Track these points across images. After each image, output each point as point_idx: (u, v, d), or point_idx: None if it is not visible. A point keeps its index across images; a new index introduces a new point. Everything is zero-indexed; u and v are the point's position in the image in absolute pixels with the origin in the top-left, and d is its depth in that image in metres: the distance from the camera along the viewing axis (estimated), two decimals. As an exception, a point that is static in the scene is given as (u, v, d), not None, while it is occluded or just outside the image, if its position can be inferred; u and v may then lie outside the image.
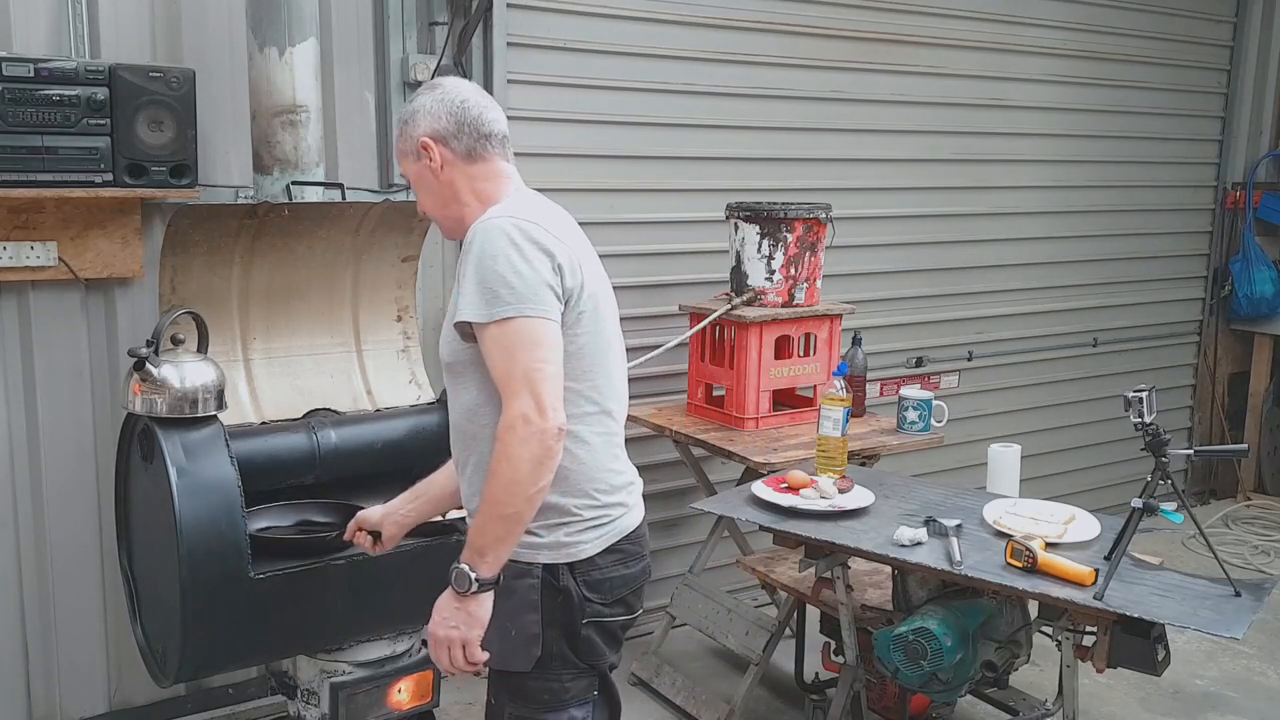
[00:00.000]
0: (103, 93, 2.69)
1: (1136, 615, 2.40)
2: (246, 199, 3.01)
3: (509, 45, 3.53)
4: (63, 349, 2.99)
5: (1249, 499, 5.85)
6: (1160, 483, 2.54)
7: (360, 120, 3.35)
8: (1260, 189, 5.72)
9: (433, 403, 3.07)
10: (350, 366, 3.06)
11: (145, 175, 2.77)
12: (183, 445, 2.36)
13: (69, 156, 2.68)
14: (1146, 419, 2.56)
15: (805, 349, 3.77)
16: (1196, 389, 5.89)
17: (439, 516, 2.65)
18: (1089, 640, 2.62)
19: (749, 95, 4.10)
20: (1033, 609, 2.89)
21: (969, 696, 3.30)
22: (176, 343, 2.52)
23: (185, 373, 2.43)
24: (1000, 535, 2.77)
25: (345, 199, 3.00)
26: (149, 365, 2.41)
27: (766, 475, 3.13)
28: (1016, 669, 3.03)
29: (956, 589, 2.79)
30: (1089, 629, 2.61)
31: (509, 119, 3.66)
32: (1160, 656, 2.51)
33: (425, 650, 2.83)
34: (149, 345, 2.44)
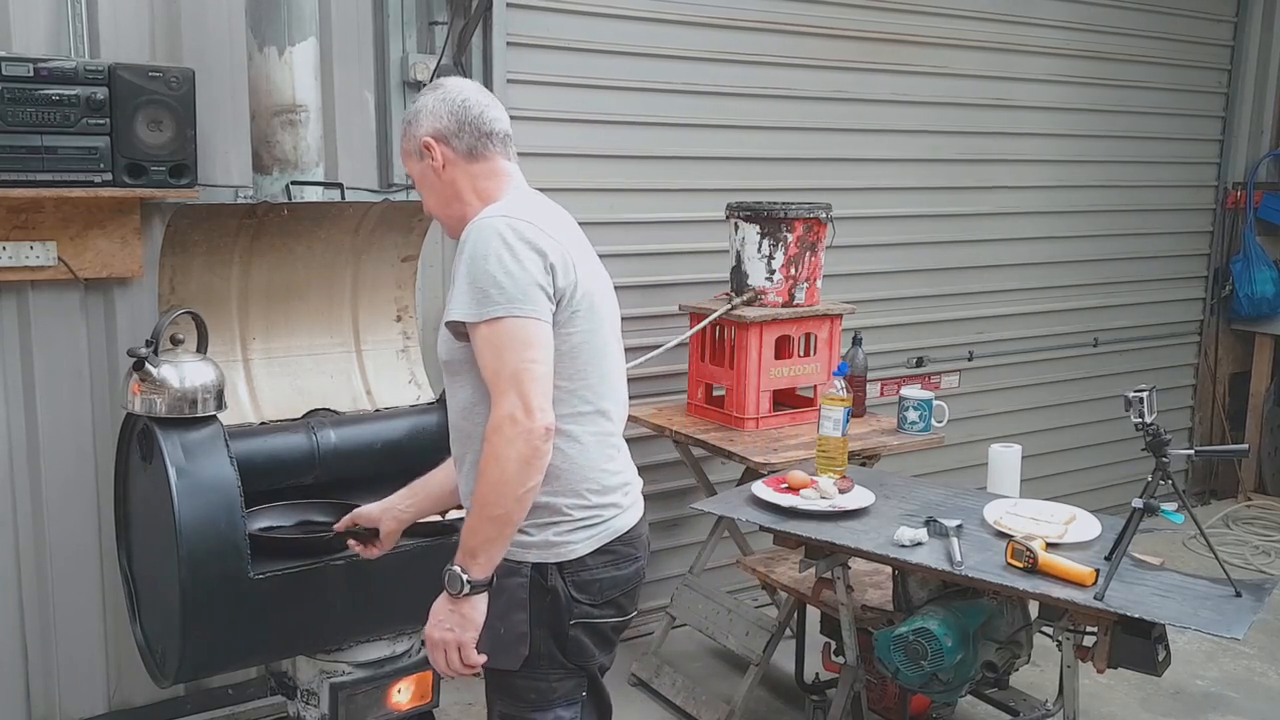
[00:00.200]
0: (102, 92, 2.68)
1: (1137, 615, 2.40)
2: (246, 199, 3.01)
3: (509, 45, 3.53)
4: (62, 349, 2.99)
5: (1249, 499, 5.85)
6: (1161, 483, 2.54)
7: (360, 120, 3.35)
8: (1261, 189, 5.72)
9: (432, 403, 3.07)
10: (350, 366, 3.06)
11: (145, 175, 2.77)
12: (182, 445, 2.36)
13: (68, 156, 2.68)
14: (1147, 419, 2.56)
15: (805, 349, 3.76)
16: (1197, 389, 5.89)
17: (438, 515, 2.65)
18: (1089, 640, 2.62)
19: (750, 95, 4.09)
20: (1033, 609, 2.89)
21: (969, 697, 3.30)
22: (176, 343, 2.51)
23: (185, 373, 2.43)
24: (1001, 535, 2.76)
25: (345, 199, 2.99)
26: (148, 365, 2.41)
27: (766, 475, 3.13)
28: (1017, 669, 3.02)
29: (957, 589, 2.79)
30: (1089, 629, 2.61)
31: (509, 119, 3.68)
32: (1161, 657, 2.51)
33: (425, 651, 2.83)
34: (148, 345, 2.43)
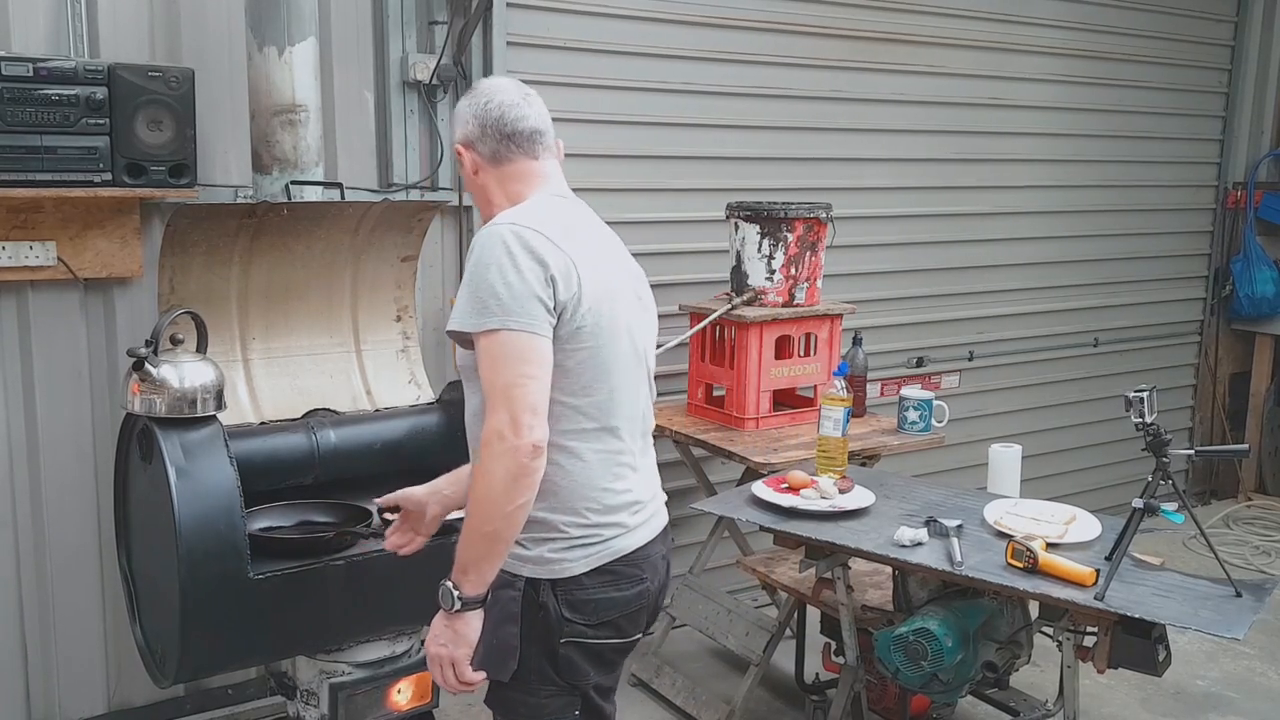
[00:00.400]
0: (102, 92, 2.68)
1: (1137, 616, 2.39)
2: (245, 199, 3.01)
3: (509, 45, 3.53)
4: (62, 349, 2.99)
5: (1250, 499, 5.85)
6: (1161, 483, 2.54)
7: (360, 120, 3.35)
8: (1261, 188, 5.71)
9: (432, 402, 3.07)
10: (349, 366, 3.06)
11: (144, 175, 2.76)
12: (182, 445, 2.36)
13: (68, 156, 2.67)
14: (1147, 419, 2.56)
15: (805, 349, 3.76)
16: (1197, 389, 5.89)
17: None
18: (1090, 641, 2.61)
19: (749, 95, 4.09)
20: (1033, 609, 2.89)
21: (969, 697, 3.30)
22: (175, 343, 2.51)
23: (184, 373, 2.43)
24: (1001, 536, 2.76)
25: (344, 199, 2.99)
26: (148, 365, 2.41)
27: (767, 475, 3.13)
28: (1017, 669, 3.02)
29: (957, 589, 2.79)
30: (1090, 629, 2.61)
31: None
32: (1161, 657, 2.51)
33: (425, 652, 2.83)
34: (148, 345, 2.43)
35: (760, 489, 2.95)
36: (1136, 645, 2.48)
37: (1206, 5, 5.37)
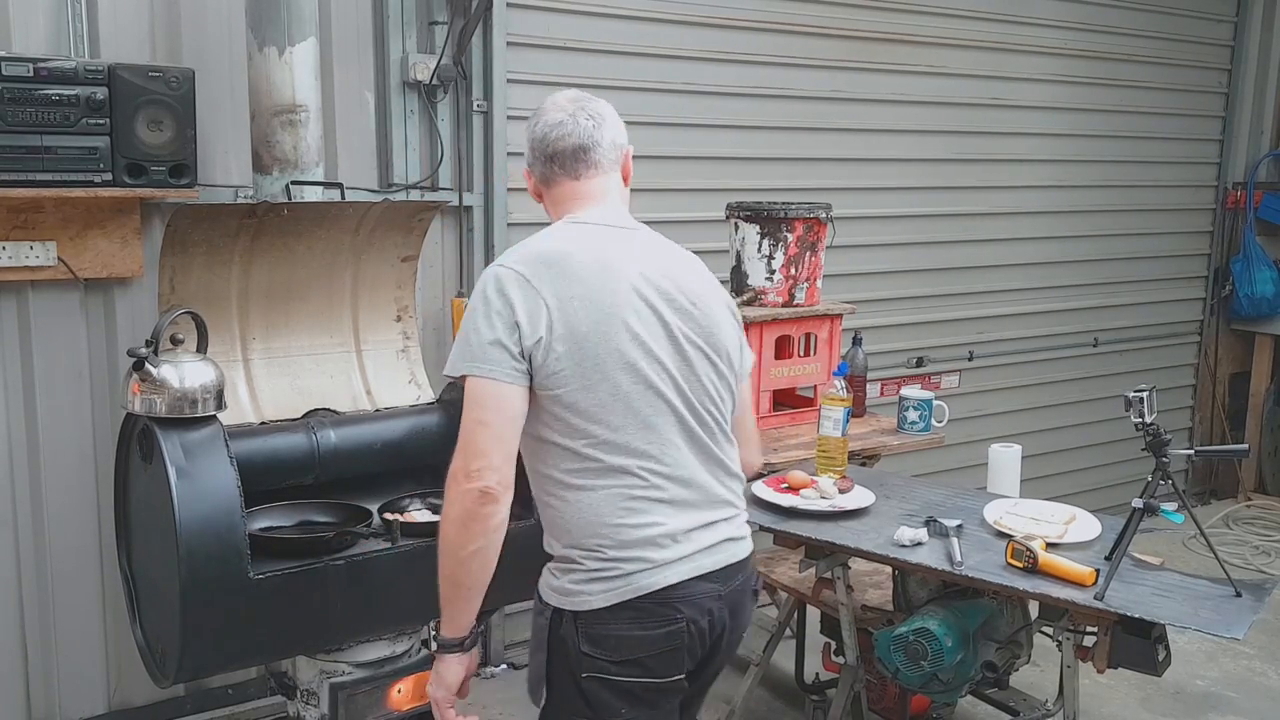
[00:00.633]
0: (102, 92, 2.68)
1: (1137, 615, 2.39)
2: (246, 199, 3.01)
3: (509, 45, 3.53)
4: (62, 349, 2.99)
5: (1249, 499, 5.85)
6: (1161, 483, 2.54)
7: (360, 120, 3.35)
8: (1261, 189, 5.71)
9: (432, 402, 3.07)
10: (350, 366, 3.06)
11: (144, 175, 2.76)
12: (182, 445, 2.36)
13: (68, 156, 2.68)
14: (1147, 419, 2.56)
15: (805, 349, 3.76)
16: (1197, 389, 5.89)
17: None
18: (1090, 640, 2.62)
19: (749, 95, 4.09)
20: (1033, 609, 2.89)
21: (969, 697, 3.30)
22: (176, 343, 2.51)
23: (184, 373, 2.43)
24: (1001, 535, 2.76)
25: (345, 199, 3.00)
26: (148, 365, 2.41)
27: (767, 475, 3.13)
28: (1017, 669, 3.02)
29: (957, 589, 2.79)
30: (1090, 629, 2.61)
31: (509, 118, 3.69)
32: (1161, 657, 2.51)
33: (425, 651, 2.83)
34: (148, 345, 2.43)
35: (760, 489, 2.95)
36: (1136, 645, 2.48)
37: (1206, 5, 5.37)
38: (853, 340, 3.88)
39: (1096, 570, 2.51)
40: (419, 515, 2.70)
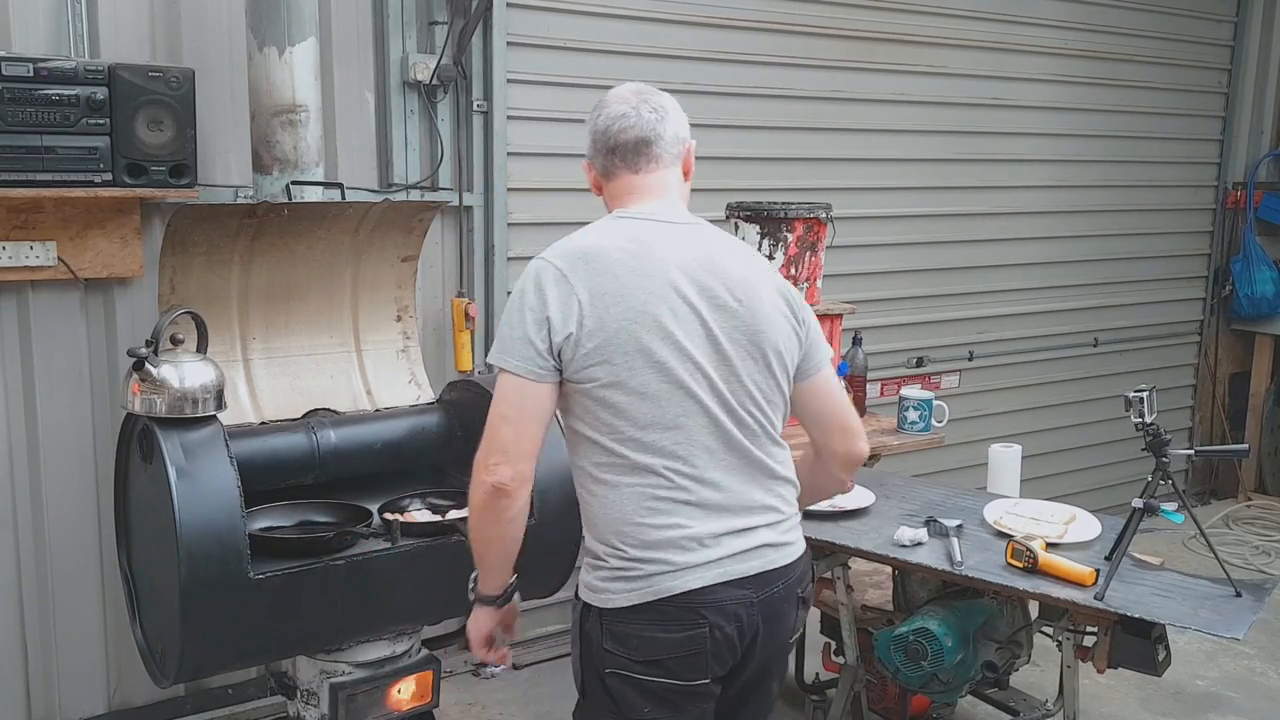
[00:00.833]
0: (102, 92, 2.68)
1: (1137, 615, 2.40)
2: (246, 199, 3.01)
3: (509, 45, 3.53)
4: (62, 349, 2.99)
5: (1249, 499, 5.85)
6: (1161, 483, 2.54)
7: (360, 120, 3.35)
8: (1261, 189, 5.72)
9: (432, 402, 3.07)
10: (350, 366, 3.06)
11: (145, 175, 2.76)
12: (182, 445, 2.36)
13: (68, 156, 2.68)
14: (1147, 419, 2.56)
15: (805, 349, 3.76)
16: (1197, 389, 5.89)
17: (438, 515, 2.66)
18: (1090, 640, 2.62)
19: (749, 95, 4.09)
20: (1033, 609, 2.89)
21: (969, 697, 3.30)
22: (176, 343, 2.51)
23: (184, 373, 2.43)
24: (1001, 535, 2.77)
25: (345, 199, 2.99)
26: (148, 365, 2.41)
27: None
28: (1017, 669, 3.02)
29: (957, 589, 2.79)
30: (1090, 629, 2.61)
31: (509, 118, 3.69)
32: (1161, 657, 2.51)
33: (425, 650, 2.83)
34: (148, 345, 2.43)
35: (760, 489, 2.94)
36: (1136, 645, 2.48)
37: (1206, 5, 5.37)
38: (853, 340, 3.88)
39: (1096, 570, 2.51)
40: (419, 515, 2.70)
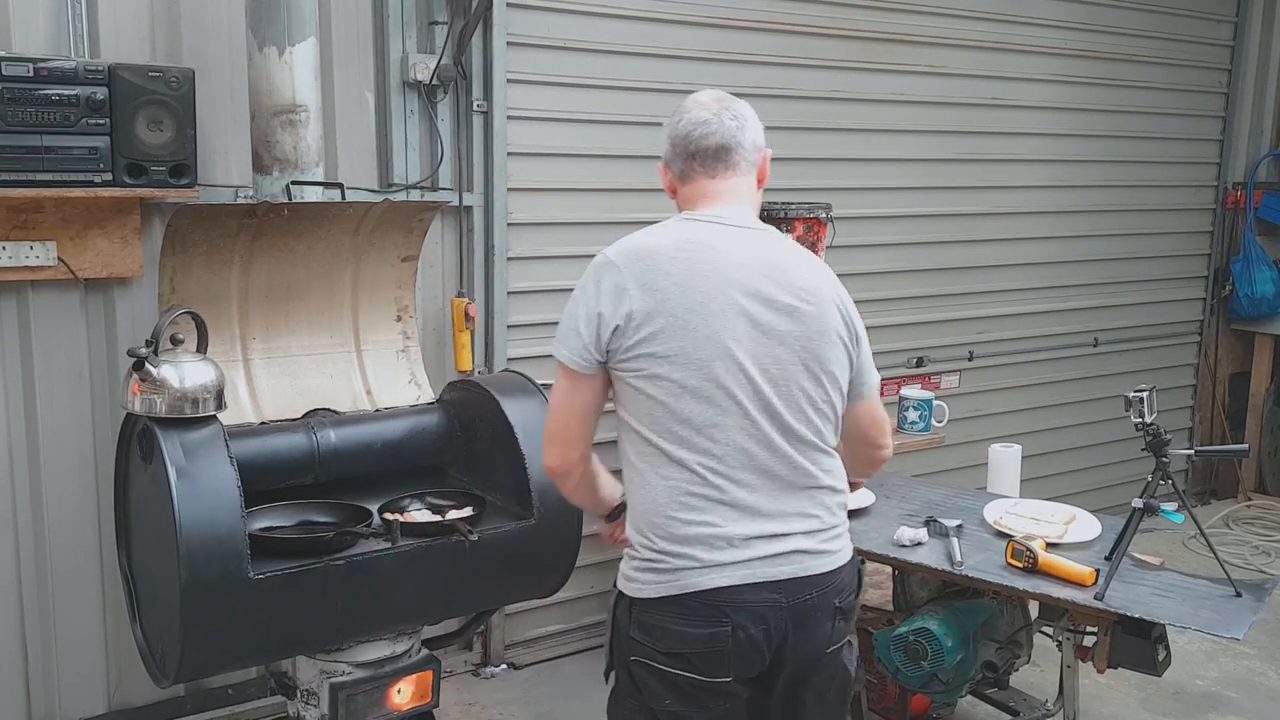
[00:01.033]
0: (102, 92, 2.68)
1: (1137, 615, 2.40)
2: (246, 199, 3.01)
3: (509, 45, 3.53)
4: (62, 349, 2.99)
5: (1249, 499, 5.85)
6: (1161, 483, 2.54)
7: (360, 120, 3.35)
8: (1261, 189, 5.72)
9: (432, 402, 3.07)
10: (350, 366, 3.06)
11: (145, 175, 2.76)
12: (182, 445, 2.36)
13: (68, 156, 2.68)
14: (1147, 419, 2.57)
15: (805, 349, 3.76)
16: (1197, 389, 5.89)
17: (438, 516, 2.66)
18: (1089, 640, 2.62)
19: (749, 95, 4.00)
20: (1033, 609, 2.89)
21: (969, 697, 3.30)
22: (176, 343, 2.51)
23: (184, 373, 2.43)
24: (1001, 535, 2.77)
25: (345, 199, 2.99)
26: (148, 365, 2.41)
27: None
28: (1017, 669, 3.03)
29: (957, 589, 2.79)
30: (1090, 629, 2.61)
31: (509, 118, 3.69)
32: (1161, 657, 2.52)
33: (425, 650, 2.83)
34: (148, 345, 2.43)
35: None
36: (1136, 645, 2.48)
37: (1206, 5, 5.37)
38: (853, 340, 3.87)
39: (1096, 570, 2.51)
40: (419, 515, 2.70)
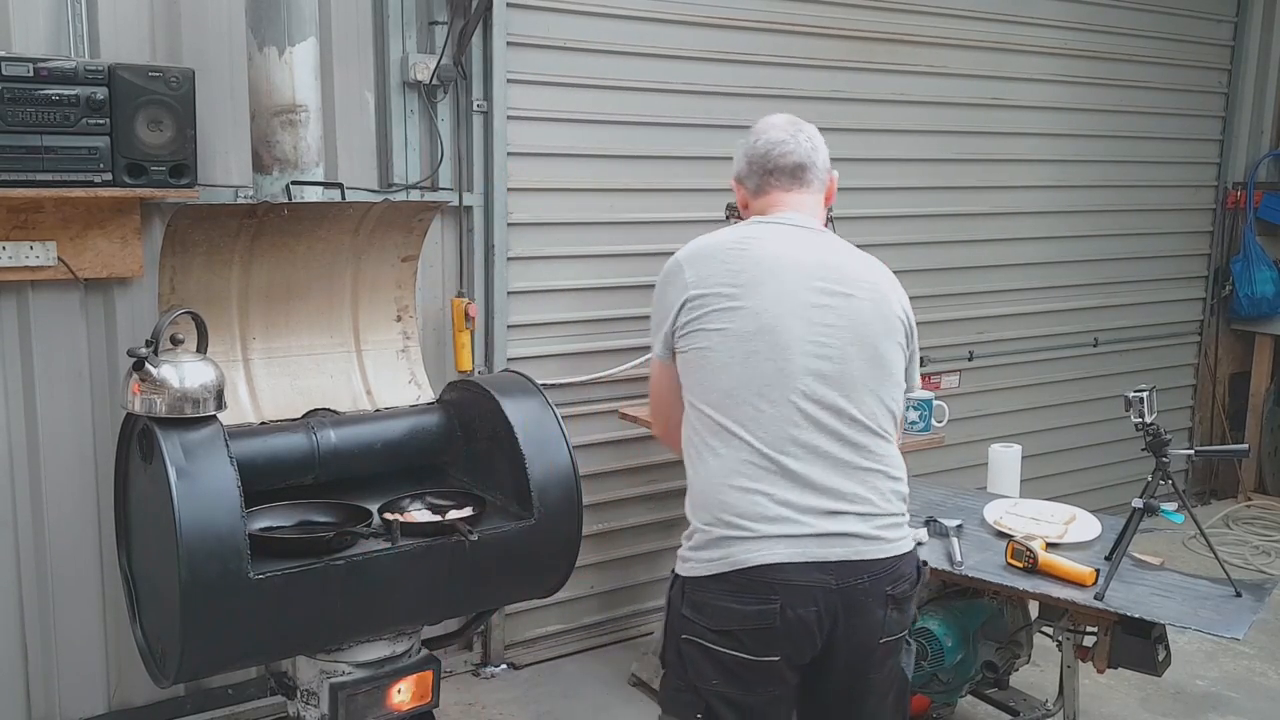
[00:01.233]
0: (102, 92, 2.68)
1: (1137, 615, 2.40)
2: (246, 199, 3.01)
3: (509, 45, 3.53)
4: (62, 349, 2.99)
5: (1249, 499, 5.85)
6: (1161, 483, 2.54)
7: (360, 120, 3.35)
8: (1261, 189, 5.71)
9: (432, 402, 3.07)
10: (350, 366, 3.06)
11: (145, 175, 2.76)
12: (182, 445, 2.36)
13: (68, 156, 2.67)
14: (1147, 419, 2.57)
15: (805, 349, 3.75)
16: (1197, 389, 5.89)
17: (438, 516, 2.66)
18: (1090, 640, 2.62)
19: (749, 95, 4.09)
20: (1033, 609, 2.89)
21: (969, 697, 3.30)
22: (176, 343, 2.51)
23: (184, 373, 2.43)
24: (1001, 535, 2.77)
25: (345, 199, 2.99)
26: (148, 365, 2.41)
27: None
28: (1017, 669, 3.03)
29: (957, 589, 2.79)
30: (1090, 629, 2.61)
31: (509, 118, 3.69)
32: (1161, 657, 2.52)
33: (425, 650, 2.83)
34: (148, 345, 2.43)
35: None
36: (1136, 645, 2.48)
37: (1206, 5, 5.37)
38: (853, 340, 3.87)
39: (1096, 570, 2.51)
40: (419, 515, 2.70)
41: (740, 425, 1.97)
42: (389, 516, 2.63)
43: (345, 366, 3.05)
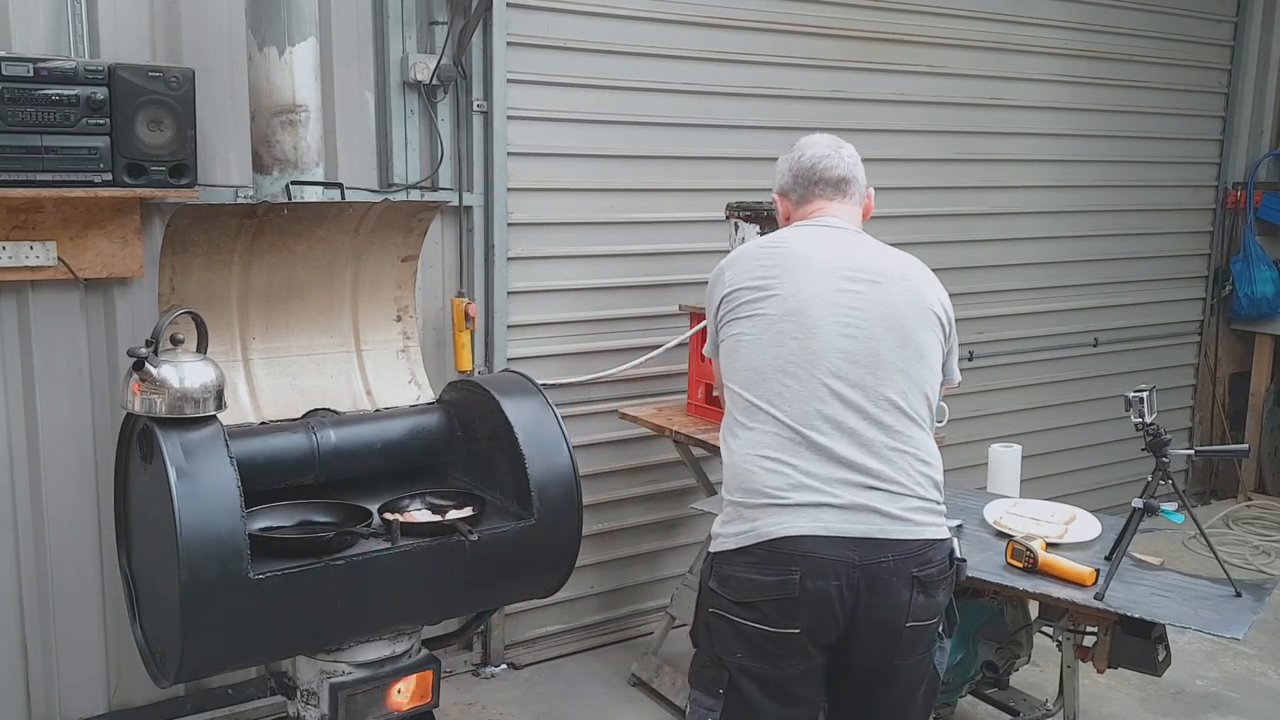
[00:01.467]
0: (102, 92, 2.68)
1: (1137, 615, 2.40)
2: (246, 199, 3.01)
3: (509, 45, 3.53)
4: (62, 349, 2.99)
5: (1249, 499, 5.85)
6: (1161, 483, 2.54)
7: (360, 120, 3.35)
8: (1261, 189, 5.71)
9: (432, 402, 3.07)
10: (350, 366, 3.06)
11: (144, 175, 2.76)
12: (182, 445, 2.36)
13: (68, 156, 2.68)
14: (1147, 419, 2.57)
15: (805, 349, 3.76)
16: (1197, 389, 5.89)
17: (438, 516, 2.66)
18: (1089, 640, 2.62)
19: (749, 95, 4.09)
20: (1033, 609, 2.89)
21: (969, 696, 3.30)
22: (176, 343, 2.51)
23: (184, 373, 2.43)
24: (1001, 535, 2.77)
25: (345, 199, 3.00)
26: (148, 365, 2.41)
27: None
28: (1017, 669, 3.03)
29: (957, 589, 2.79)
30: (1089, 629, 2.61)
31: (509, 118, 3.69)
32: (1161, 657, 2.52)
33: (425, 650, 2.83)
34: (148, 345, 2.43)
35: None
36: (1136, 645, 2.48)
37: (1206, 5, 5.37)
38: (853, 340, 3.87)
39: (1096, 570, 2.51)
40: (419, 515, 2.70)
41: (768, 401, 2.05)
42: (389, 516, 2.63)
43: (345, 366, 3.05)
